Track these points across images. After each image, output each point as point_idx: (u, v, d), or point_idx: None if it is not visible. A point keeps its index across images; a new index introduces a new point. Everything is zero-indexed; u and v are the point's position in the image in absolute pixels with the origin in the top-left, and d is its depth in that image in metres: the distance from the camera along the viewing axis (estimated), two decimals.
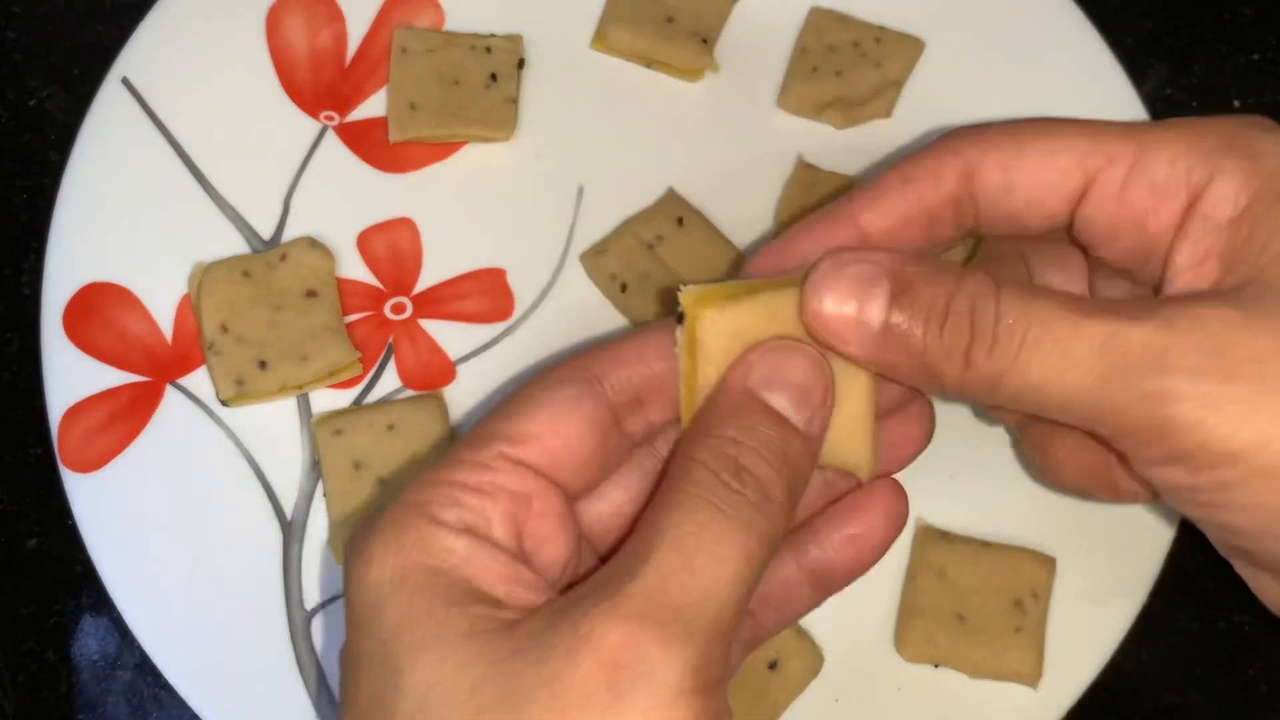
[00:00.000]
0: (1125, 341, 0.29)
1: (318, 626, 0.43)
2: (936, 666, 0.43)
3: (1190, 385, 0.29)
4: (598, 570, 0.28)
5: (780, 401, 0.31)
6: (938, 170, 0.33)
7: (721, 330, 0.31)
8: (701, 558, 0.27)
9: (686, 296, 0.31)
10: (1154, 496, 0.35)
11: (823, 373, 0.31)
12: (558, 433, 0.30)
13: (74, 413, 0.45)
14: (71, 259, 0.46)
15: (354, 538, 0.30)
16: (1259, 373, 0.28)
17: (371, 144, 0.49)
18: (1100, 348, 0.29)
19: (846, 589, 0.44)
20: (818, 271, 0.31)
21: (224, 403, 0.45)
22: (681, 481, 0.29)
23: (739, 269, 0.47)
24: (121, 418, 0.45)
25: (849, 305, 0.30)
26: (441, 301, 0.47)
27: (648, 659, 0.26)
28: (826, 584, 0.35)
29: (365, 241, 0.48)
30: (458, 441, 0.31)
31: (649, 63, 0.50)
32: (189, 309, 0.46)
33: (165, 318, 0.46)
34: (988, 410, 0.43)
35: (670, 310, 0.32)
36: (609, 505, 0.34)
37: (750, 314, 0.31)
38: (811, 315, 0.31)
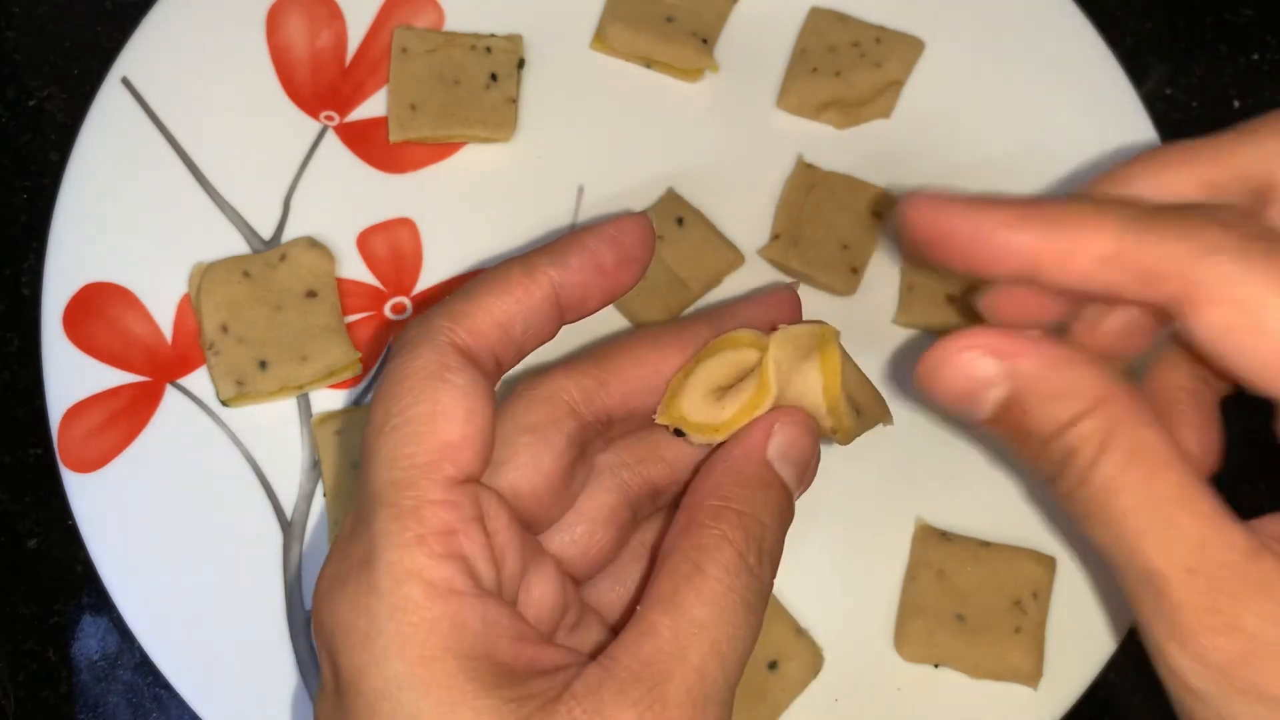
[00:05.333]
0: (1223, 549, 0.28)
1: None
2: (936, 666, 0.43)
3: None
4: (623, 650, 0.29)
5: (788, 474, 0.32)
6: (1152, 276, 0.29)
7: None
8: (730, 655, 0.29)
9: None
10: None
11: (817, 450, 0.33)
12: (477, 432, 0.29)
13: (74, 413, 0.45)
14: (71, 259, 0.46)
15: (339, 612, 0.28)
16: None
17: (371, 144, 0.49)
18: (1197, 545, 0.28)
19: (846, 588, 0.44)
20: (932, 358, 0.31)
21: (224, 403, 0.45)
22: (712, 564, 0.30)
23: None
24: (121, 418, 0.45)
25: (950, 400, 0.31)
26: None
27: None
28: None
29: (365, 241, 0.48)
30: (381, 473, 0.29)
31: (649, 63, 0.50)
32: (189, 309, 0.46)
33: (165, 318, 0.46)
34: None
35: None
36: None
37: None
38: (920, 382, 0.32)
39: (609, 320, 0.47)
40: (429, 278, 0.47)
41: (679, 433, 0.33)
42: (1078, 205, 0.30)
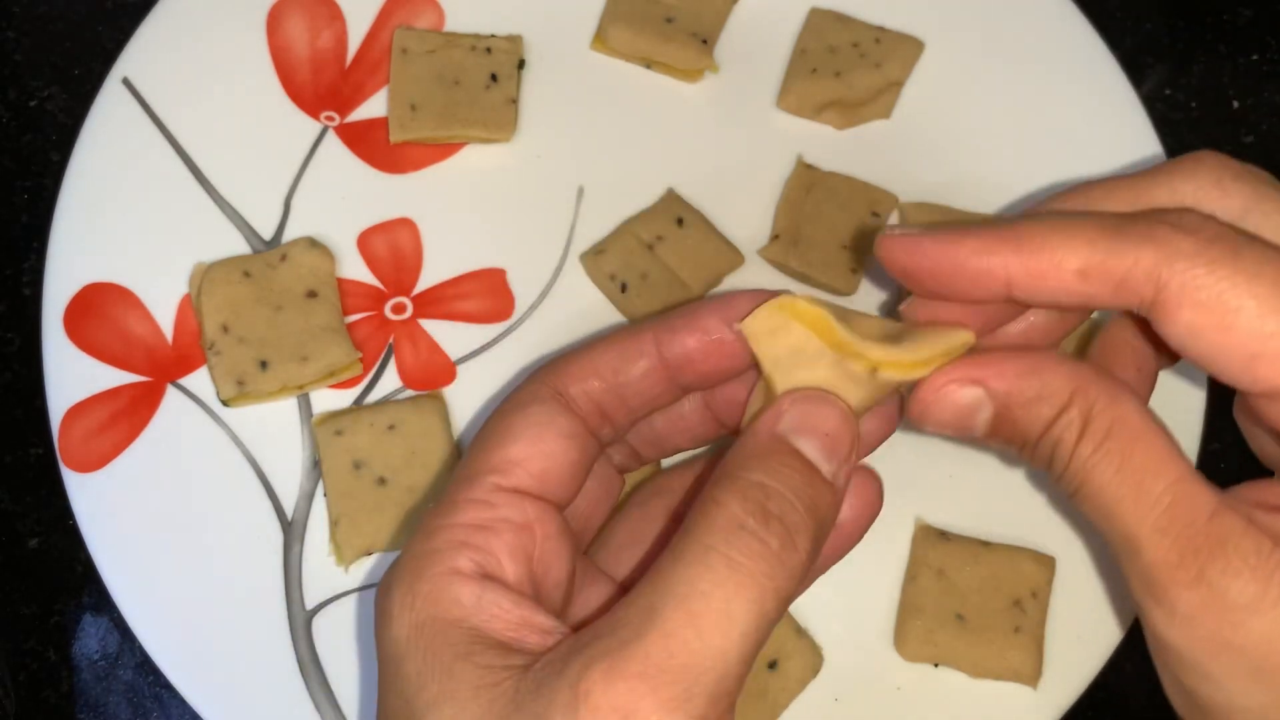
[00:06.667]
0: (1190, 509, 0.30)
1: (318, 627, 0.43)
2: (936, 666, 0.43)
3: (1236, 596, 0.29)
4: (607, 612, 0.28)
5: (810, 449, 0.30)
6: (1124, 284, 0.30)
7: (783, 347, 0.32)
8: (711, 618, 0.27)
9: (763, 310, 0.32)
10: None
11: (852, 427, 0.31)
12: (540, 453, 0.31)
13: (75, 413, 0.45)
14: (72, 259, 0.47)
15: (378, 592, 0.31)
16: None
17: (372, 144, 0.49)
18: (1167, 507, 0.30)
19: (846, 588, 0.44)
20: (922, 395, 0.32)
21: (224, 403, 0.45)
22: (700, 529, 0.28)
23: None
24: (122, 418, 0.45)
25: (949, 429, 0.33)
26: (442, 301, 0.47)
27: None
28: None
29: (366, 242, 0.48)
30: (451, 483, 0.32)
31: (649, 63, 0.50)
32: (189, 309, 0.46)
33: (166, 318, 0.46)
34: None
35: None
36: (585, 501, 0.35)
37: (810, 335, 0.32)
38: (915, 418, 0.33)
39: (610, 320, 0.47)
40: (429, 278, 0.47)
41: None
42: (1048, 223, 0.31)
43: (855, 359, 0.32)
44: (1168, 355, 0.36)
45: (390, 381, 0.46)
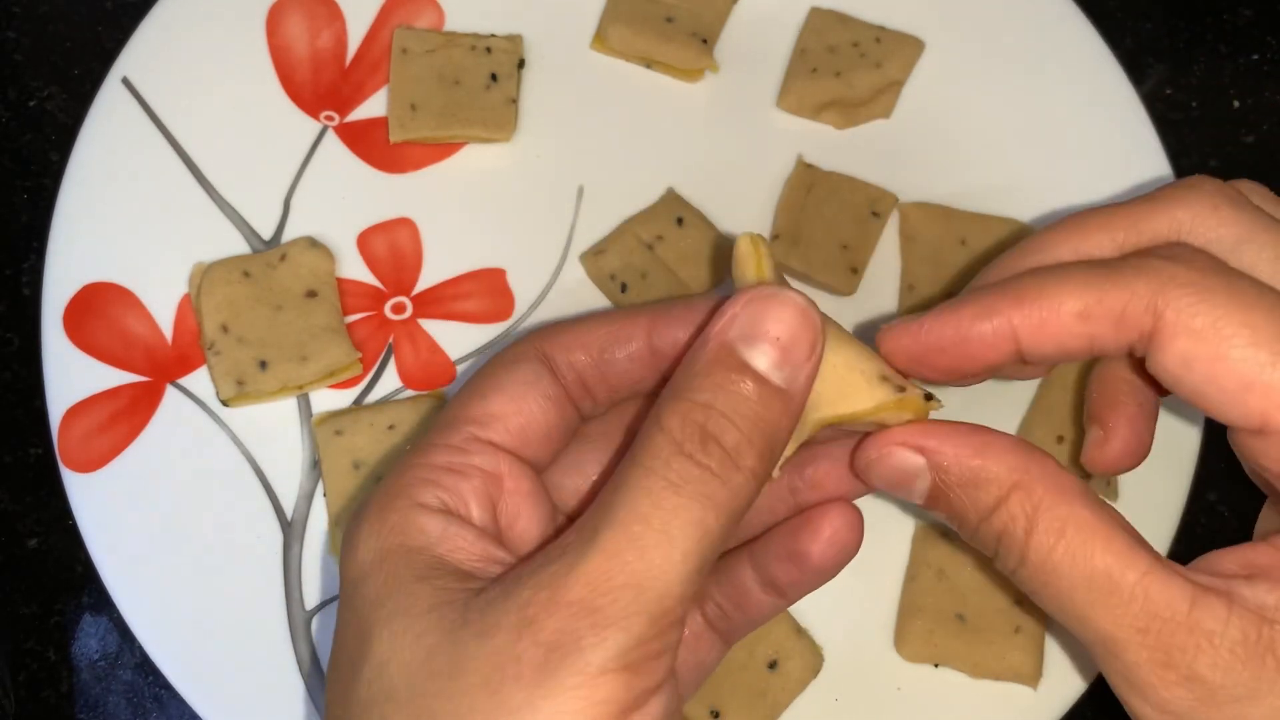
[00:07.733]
0: (1168, 603, 0.29)
1: (318, 626, 0.43)
2: (936, 666, 0.43)
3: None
4: (552, 543, 0.29)
5: (761, 359, 0.29)
6: (1123, 319, 0.30)
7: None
8: (650, 538, 0.27)
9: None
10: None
11: (811, 322, 0.30)
12: (520, 411, 0.32)
13: (74, 413, 0.45)
14: (72, 259, 0.47)
15: (348, 523, 0.32)
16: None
17: (372, 144, 0.49)
18: (1143, 604, 0.29)
19: (846, 588, 0.44)
20: (866, 451, 0.32)
21: (224, 403, 0.45)
22: (642, 452, 0.29)
23: None
24: (122, 418, 0.45)
25: (887, 489, 0.33)
26: (442, 301, 0.47)
27: (580, 641, 0.27)
28: (780, 593, 0.35)
29: (365, 241, 0.48)
30: (430, 427, 0.33)
31: (649, 63, 0.50)
32: (189, 309, 0.46)
33: (165, 318, 0.46)
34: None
35: None
36: (583, 479, 0.35)
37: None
38: (859, 473, 0.33)
39: None
40: (429, 278, 0.47)
41: None
42: (1042, 275, 0.32)
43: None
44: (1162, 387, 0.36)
45: (390, 381, 0.46)
